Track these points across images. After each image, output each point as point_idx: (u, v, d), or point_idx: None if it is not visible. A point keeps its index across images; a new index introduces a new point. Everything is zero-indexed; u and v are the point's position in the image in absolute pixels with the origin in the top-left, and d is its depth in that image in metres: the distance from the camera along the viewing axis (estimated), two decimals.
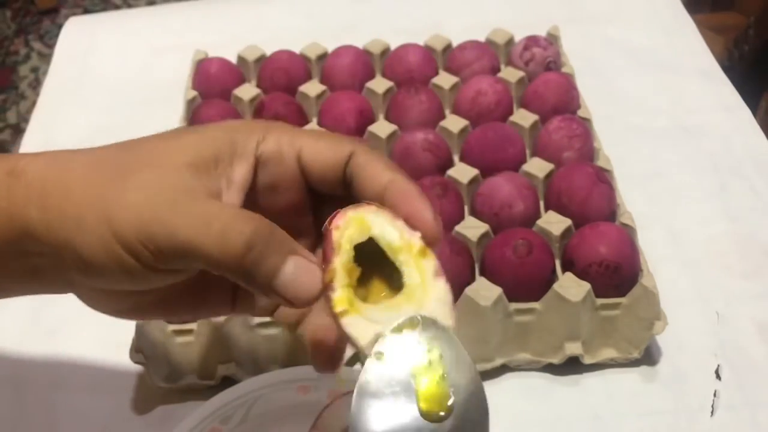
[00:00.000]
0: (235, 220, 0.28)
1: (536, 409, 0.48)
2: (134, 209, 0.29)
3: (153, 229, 0.28)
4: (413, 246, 0.30)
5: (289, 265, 0.28)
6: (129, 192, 0.29)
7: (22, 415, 0.49)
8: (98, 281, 0.30)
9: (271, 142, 0.31)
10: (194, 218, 0.28)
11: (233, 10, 0.83)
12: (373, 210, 0.30)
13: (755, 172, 0.62)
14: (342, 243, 0.29)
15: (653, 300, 0.47)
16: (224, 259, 0.28)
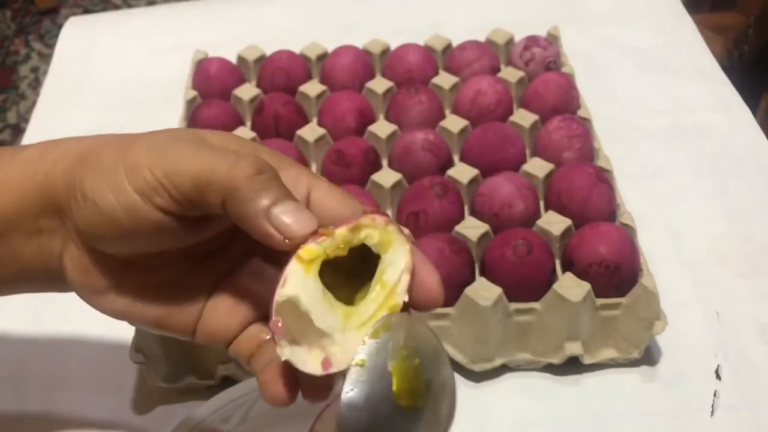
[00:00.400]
0: (250, 153, 0.30)
1: (536, 409, 0.48)
2: (154, 144, 0.31)
3: (167, 155, 0.30)
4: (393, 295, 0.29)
5: (291, 202, 0.29)
6: (153, 135, 0.32)
7: (22, 414, 0.49)
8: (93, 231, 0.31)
9: (291, 172, 0.32)
10: (209, 152, 0.30)
11: (233, 10, 0.83)
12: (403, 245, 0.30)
13: (755, 172, 0.62)
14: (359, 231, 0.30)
15: (653, 300, 0.47)
16: (233, 178, 0.29)
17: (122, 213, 0.30)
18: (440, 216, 0.52)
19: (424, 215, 0.52)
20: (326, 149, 0.58)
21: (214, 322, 0.33)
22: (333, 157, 0.56)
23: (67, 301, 0.40)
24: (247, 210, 0.29)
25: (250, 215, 0.29)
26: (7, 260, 0.34)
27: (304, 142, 0.59)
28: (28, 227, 0.33)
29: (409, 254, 0.30)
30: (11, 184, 0.33)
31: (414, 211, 0.52)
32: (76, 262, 0.33)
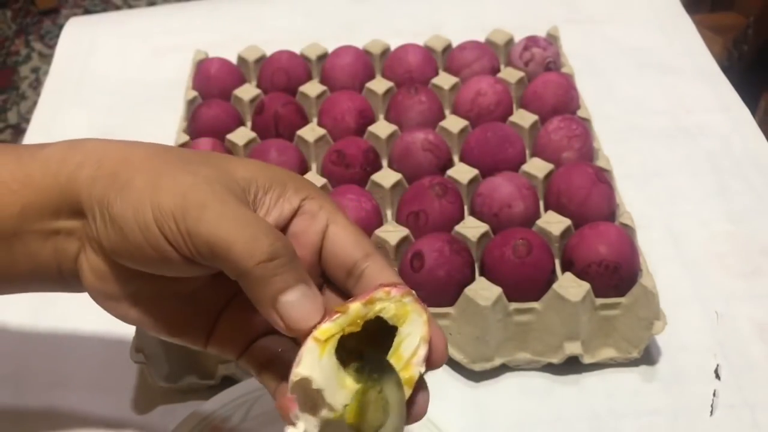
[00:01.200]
0: (269, 230, 0.30)
1: (536, 409, 0.48)
2: (182, 189, 0.31)
3: (192, 211, 0.30)
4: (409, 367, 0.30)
5: (299, 288, 0.30)
6: (183, 174, 0.31)
7: (23, 414, 0.49)
8: (116, 251, 0.31)
9: (315, 203, 0.33)
10: (234, 218, 0.30)
11: (234, 10, 0.83)
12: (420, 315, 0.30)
13: (754, 172, 0.62)
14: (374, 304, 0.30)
15: (653, 300, 0.47)
16: (246, 260, 0.29)
17: (150, 250, 0.30)
18: (440, 216, 0.52)
19: (424, 215, 0.52)
20: (326, 149, 0.59)
21: (228, 333, 0.34)
22: (333, 157, 0.56)
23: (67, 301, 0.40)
24: (255, 294, 0.30)
25: (258, 300, 0.30)
26: (21, 258, 0.34)
27: (304, 142, 0.59)
28: (45, 227, 0.33)
29: (425, 325, 0.30)
30: (32, 183, 0.33)
31: (414, 211, 0.52)
32: (93, 267, 0.33)
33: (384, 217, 0.55)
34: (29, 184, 0.33)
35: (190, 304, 0.34)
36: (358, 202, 0.52)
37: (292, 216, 0.33)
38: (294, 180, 0.34)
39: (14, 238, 0.33)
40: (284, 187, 0.33)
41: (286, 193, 0.33)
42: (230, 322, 0.34)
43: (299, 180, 0.34)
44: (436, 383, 0.49)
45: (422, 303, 0.31)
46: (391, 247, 0.51)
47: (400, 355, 0.30)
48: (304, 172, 0.57)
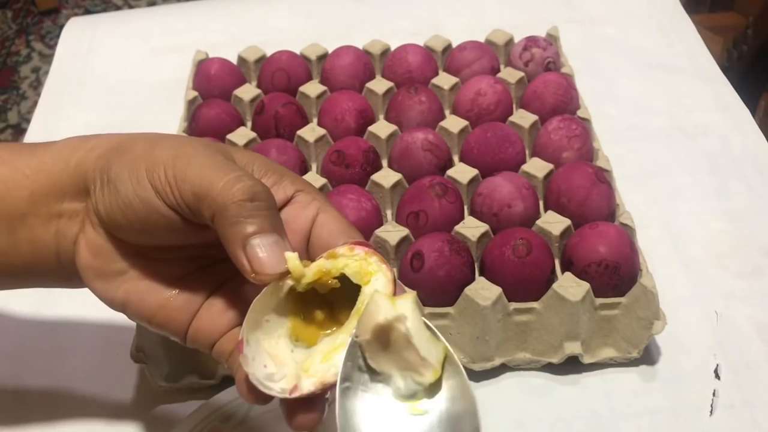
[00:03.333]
0: (253, 178, 0.31)
1: (536, 409, 0.48)
2: (177, 144, 0.32)
3: (181, 159, 0.31)
4: None
5: (272, 236, 0.30)
6: (181, 138, 0.34)
7: (23, 414, 0.49)
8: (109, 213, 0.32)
9: (308, 195, 0.34)
10: (218, 167, 0.31)
11: (234, 10, 0.83)
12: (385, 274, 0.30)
13: (754, 172, 0.62)
14: (337, 259, 0.30)
15: (652, 300, 0.47)
16: (225, 197, 0.30)
17: (137, 202, 0.31)
18: (440, 216, 0.52)
19: (424, 215, 0.52)
20: (326, 149, 0.59)
21: (205, 321, 0.34)
22: (333, 158, 0.56)
23: (68, 300, 0.40)
24: (228, 233, 0.30)
25: (229, 239, 0.30)
26: (23, 244, 0.35)
27: (305, 143, 0.59)
28: (51, 209, 0.34)
29: (391, 284, 0.30)
30: (44, 168, 0.34)
31: (414, 211, 0.52)
32: (90, 242, 0.34)
33: (384, 217, 0.55)
34: (41, 170, 0.34)
35: (177, 291, 0.34)
36: (358, 202, 0.52)
37: (284, 204, 0.34)
38: (290, 174, 0.35)
39: (19, 222, 0.34)
40: (281, 176, 0.34)
41: (282, 182, 0.34)
42: (209, 312, 0.34)
43: (296, 176, 0.35)
44: None
45: (388, 264, 0.31)
46: (391, 247, 0.51)
47: (361, 311, 0.30)
48: (304, 172, 0.57)
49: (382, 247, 0.51)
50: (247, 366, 0.29)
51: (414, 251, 0.49)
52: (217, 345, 0.34)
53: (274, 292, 0.30)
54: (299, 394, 0.29)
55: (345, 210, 0.52)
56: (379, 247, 0.51)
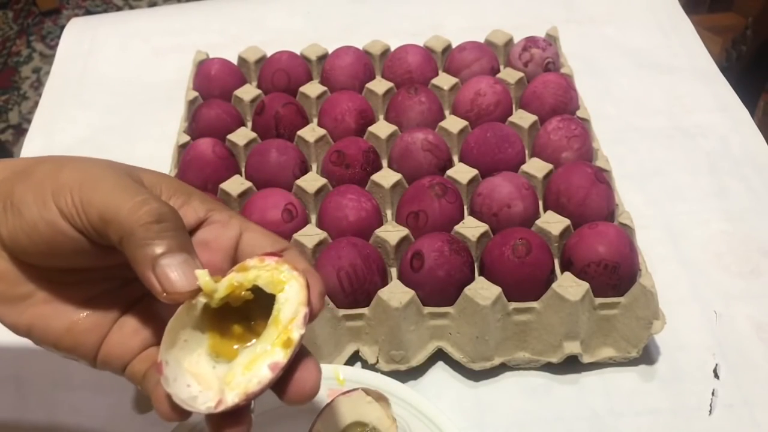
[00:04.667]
0: (159, 200, 0.31)
1: (535, 408, 0.48)
2: (83, 167, 0.31)
3: (88, 184, 0.30)
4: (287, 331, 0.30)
5: (181, 255, 0.30)
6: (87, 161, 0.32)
7: (24, 414, 0.49)
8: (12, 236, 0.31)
9: (224, 214, 0.34)
10: (124, 190, 0.30)
11: (234, 11, 0.83)
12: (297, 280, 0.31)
13: (753, 172, 0.62)
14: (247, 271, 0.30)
15: (652, 299, 0.47)
16: (131, 220, 0.29)
17: (43, 226, 0.30)
18: (440, 216, 0.52)
19: (424, 215, 0.52)
20: (326, 149, 0.59)
21: (116, 343, 0.33)
22: (333, 158, 0.57)
23: None
24: (137, 255, 0.29)
25: (138, 261, 0.30)
26: None
27: (305, 143, 0.59)
28: None
29: (304, 289, 0.30)
30: None
31: (414, 211, 0.52)
32: None
33: (384, 217, 0.55)
34: None
35: (85, 314, 0.33)
36: (358, 202, 0.52)
37: (198, 225, 0.33)
38: (199, 194, 0.34)
39: None
40: (189, 197, 0.34)
41: (191, 202, 0.33)
42: (120, 333, 0.33)
43: (204, 195, 0.34)
44: (435, 382, 0.50)
45: (300, 270, 0.31)
46: (391, 247, 0.51)
47: (279, 320, 0.30)
48: (304, 172, 0.57)
49: (382, 247, 0.51)
50: (168, 387, 0.29)
51: (414, 251, 0.49)
52: (129, 367, 0.33)
53: (189, 311, 0.30)
54: (224, 407, 0.29)
55: (345, 210, 0.52)
56: (379, 247, 0.51)
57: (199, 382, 0.30)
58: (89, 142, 0.68)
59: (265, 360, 0.29)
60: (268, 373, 0.29)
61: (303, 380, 0.31)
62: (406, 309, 0.47)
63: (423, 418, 0.43)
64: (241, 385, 0.29)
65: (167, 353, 0.30)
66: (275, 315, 0.30)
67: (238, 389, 0.29)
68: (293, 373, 0.30)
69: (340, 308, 0.48)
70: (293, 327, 0.30)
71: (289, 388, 0.31)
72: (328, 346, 0.49)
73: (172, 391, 0.29)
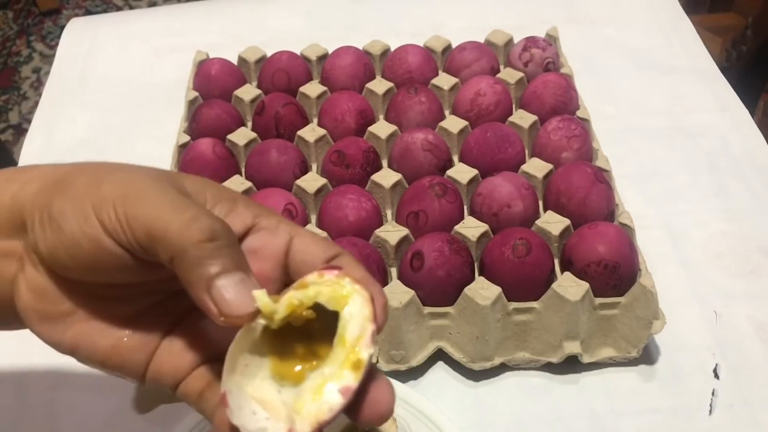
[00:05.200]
0: (210, 215, 0.29)
1: (535, 408, 0.48)
2: (125, 178, 0.30)
3: (132, 198, 0.29)
4: (355, 352, 0.28)
5: (237, 275, 0.28)
6: (128, 170, 0.30)
7: (24, 414, 0.49)
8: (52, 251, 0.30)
9: (272, 219, 0.32)
10: (172, 204, 0.29)
11: (234, 11, 0.83)
12: (361, 294, 0.29)
13: (753, 172, 0.62)
14: (307, 288, 0.29)
15: (651, 299, 0.47)
16: (183, 238, 0.28)
17: (84, 241, 0.29)
18: (440, 216, 0.52)
19: (424, 215, 0.52)
20: (326, 149, 0.59)
21: (166, 361, 0.32)
22: (333, 158, 0.57)
23: None
24: (190, 277, 0.28)
25: (192, 283, 0.28)
26: None
27: (305, 143, 0.59)
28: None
29: (369, 304, 0.29)
30: None
31: (414, 211, 0.52)
32: (32, 284, 0.31)
33: (384, 217, 0.55)
34: None
35: (131, 330, 0.32)
36: (358, 202, 0.52)
37: (245, 232, 0.32)
38: (245, 199, 0.33)
39: None
40: (234, 203, 0.32)
41: (237, 209, 0.32)
42: (169, 351, 0.32)
43: (249, 199, 0.33)
44: (435, 382, 0.50)
45: (363, 284, 0.29)
46: (391, 247, 0.51)
47: (345, 339, 0.28)
48: (304, 172, 0.57)
49: (382, 247, 0.51)
50: (234, 418, 0.28)
51: (414, 251, 0.49)
52: (182, 386, 0.31)
53: (248, 334, 0.28)
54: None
55: (345, 210, 0.52)
56: (379, 247, 0.51)
57: (265, 408, 0.28)
58: (89, 142, 0.68)
59: (334, 384, 0.28)
60: (339, 399, 0.28)
61: (376, 402, 0.29)
62: (406, 309, 0.47)
63: (423, 418, 0.43)
64: (312, 413, 0.28)
65: (229, 381, 0.28)
66: (341, 334, 0.28)
67: (309, 418, 0.28)
68: (366, 394, 0.29)
69: None
70: (362, 346, 0.28)
71: (362, 410, 0.29)
72: None
73: (238, 423, 0.27)
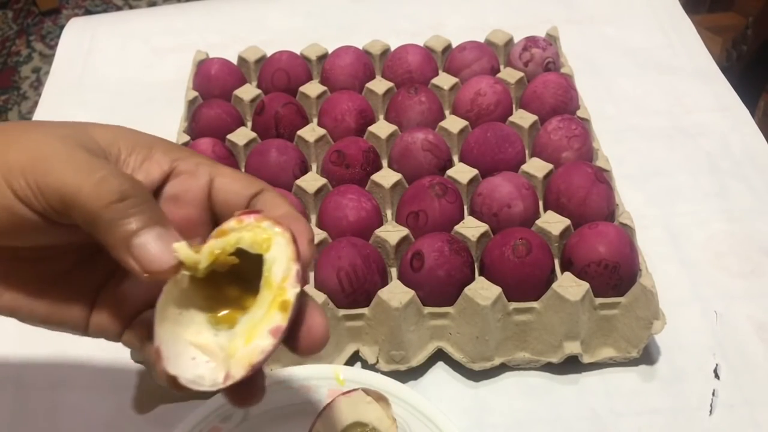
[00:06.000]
0: (119, 174, 0.29)
1: (535, 408, 0.48)
2: (31, 144, 0.29)
3: (40, 164, 0.28)
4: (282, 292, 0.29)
5: (154, 230, 0.28)
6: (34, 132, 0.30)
7: (24, 414, 0.49)
8: None
9: (190, 162, 0.32)
10: (82, 164, 0.28)
11: (234, 11, 0.83)
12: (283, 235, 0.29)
13: (753, 171, 0.62)
14: (228, 235, 0.29)
15: (652, 299, 0.47)
16: (94, 202, 0.28)
17: (1, 211, 0.29)
18: (440, 216, 0.52)
19: (424, 215, 0.52)
20: (326, 149, 0.59)
21: (107, 313, 0.32)
22: (333, 158, 0.57)
23: None
24: (108, 239, 0.28)
25: (110, 244, 0.28)
26: None
27: (305, 143, 0.59)
28: None
29: (291, 244, 0.29)
30: None
31: (414, 211, 0.52)
32: None
33: (384, 217, 0.55)
34: None
35: (66, 286, 0.32)
36: (358, 202, 0.52)
37: (164, 179, 0.32)
38: (162, 143, 0.32)
39: None
40: (150, 150, 0.32)
41: (154, 156, 0.32)
42: (108, 301, 0.32)
43: (168, 144, 0.32)
44: (435, 382, 0.50)
45: (284, 224, 0.29)
46: (391, 247, 0.51)
47: (271, 281, 0.29)
48: (304, 172, 0.57)
49: (382, 247, 0.51)
50: (171, 368, 0.28)
51: (414, 251, 0.49)
52: (125, 335, 0.32)
53: (175, 285, 0.29)
54: (232, 381, 0.28)
55: (345, 210, 0.52)
56: (379, 247, 0.51)
57: (205, 352, 0.29)
58: None
59: (264, 326, 0.28)
60: (270, 340, 0.28)
61: (310, 330, 0.29)
62: (406, 309, 0.47)
63: (423, 418, 0.43)
64: (245, 357, 0.28)
65: (163, 332, 0.28)
66: (266, 276, 0.29)
67: (243, 361, 0.28)
68: (300, 325, 0.29)
69: (340, 308, 0.48)
70: (287, 287, 0.28)
71: (299, 342, 0.29)
72: (328, 346, 0.48)
73: (176, 373, 0.28)
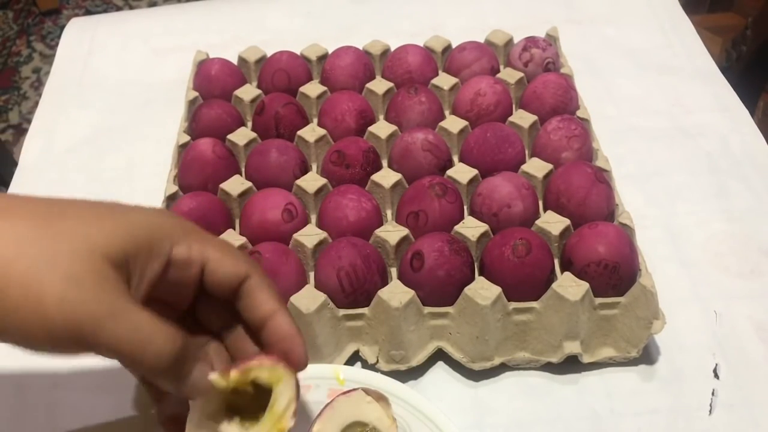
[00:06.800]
0: (166, 339, 0.33)
1: (535, 408, 0.48)
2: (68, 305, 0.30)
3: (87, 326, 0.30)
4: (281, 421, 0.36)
5: (196, 370, 0.34)
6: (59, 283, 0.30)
7: (24, 414, 0.49)
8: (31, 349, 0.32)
9: (183, 248, 0.35)
10: (129, 332, 0.31)
11: (234, 11, 0.83)
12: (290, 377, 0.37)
13: (753, 172, 0.62)
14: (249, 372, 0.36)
15: (652, 299, 0.47)
16: (156, 369, 0.32)
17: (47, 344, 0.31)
18: (440, 216, 0.52)
19: (424, 215, 0.52)
20: (326, 149, 0.59)
21: None
22: (333, 158, 0.57)
23: None
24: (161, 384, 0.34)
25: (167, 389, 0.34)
26: None
27: (305, 143, 0.59)
28: None
29: (295, 387, 0.36)
30: None
31: (414, 211, 0.52)
32: None
33: (384, 217, 0.55)
34: None
35: None
36: (358, 202, 0.52)
37: (165, 268, 0.35)
38: (160, 230, 0.35)
39: None
40: (150, 245, 0.34)
41: (153, 250, 0.34)
42: None
43: (165, 228, 0.35)
44: (435, 382, 0.50)
45: (291, 368, 0.37)
46: (391, 247, 0.51)
47: (275, 410, 0.36)
48: (304, 172, 0.57)
49: (382, 247, 0.51)
50: None
51: (414, 251, 0.49)
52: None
53: (206, 401, 0.36)
54: None
55: (345, 210, 0.52)
56: (379, 247, 0.51)
57: None
58: (89, 142, 0.69)
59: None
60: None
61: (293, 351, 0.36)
62: (406, 309, 0.47)
63: (423, 418, 0.43)
64: None
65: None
66: (272, 404, 0.36)
67: None
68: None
69: (340, 308, 0.48)
70: (286, 418, 0.36)
71: None
72: (328, 346, 0.49)
73: None
